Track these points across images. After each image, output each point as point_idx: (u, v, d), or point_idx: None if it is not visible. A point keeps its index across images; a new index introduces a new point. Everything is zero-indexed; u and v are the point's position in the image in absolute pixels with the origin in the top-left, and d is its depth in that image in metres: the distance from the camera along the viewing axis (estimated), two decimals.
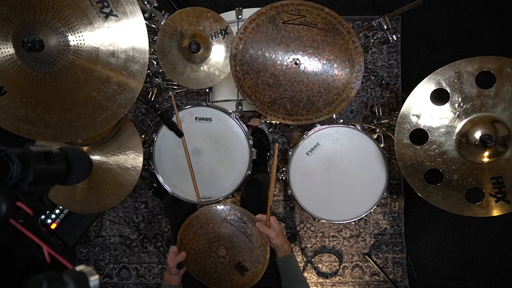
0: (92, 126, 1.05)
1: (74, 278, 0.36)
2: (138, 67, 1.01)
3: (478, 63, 1.19)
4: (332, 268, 2.09)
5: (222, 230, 1.14)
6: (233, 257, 1.14)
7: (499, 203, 1.28)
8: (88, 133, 1.06)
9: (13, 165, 0.44)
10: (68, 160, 0.55)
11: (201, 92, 2.05)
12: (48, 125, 1.04)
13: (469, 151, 1.25)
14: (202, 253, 1.14)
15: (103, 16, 0.97)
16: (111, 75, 1.03)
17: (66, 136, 1.06)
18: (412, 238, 2.11)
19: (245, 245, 1.13)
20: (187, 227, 1.15)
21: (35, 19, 0.98)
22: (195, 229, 1.15)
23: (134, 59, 1.00)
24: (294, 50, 1.20)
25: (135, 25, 0.99)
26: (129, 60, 1.00)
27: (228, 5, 2.08)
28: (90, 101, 1.04)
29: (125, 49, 0.99)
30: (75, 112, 1.04)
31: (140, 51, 1.00)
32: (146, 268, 2.09)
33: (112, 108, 1.05)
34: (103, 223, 2.08)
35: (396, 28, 2.06)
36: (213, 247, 1.14)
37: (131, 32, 0.99)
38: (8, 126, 1.02)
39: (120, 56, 0.99)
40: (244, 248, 1.13)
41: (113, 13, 0.97)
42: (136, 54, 1.00)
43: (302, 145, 1.44)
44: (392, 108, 2.08)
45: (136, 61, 1.00)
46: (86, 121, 1.04)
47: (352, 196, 1.47)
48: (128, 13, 0.99)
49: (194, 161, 1.41)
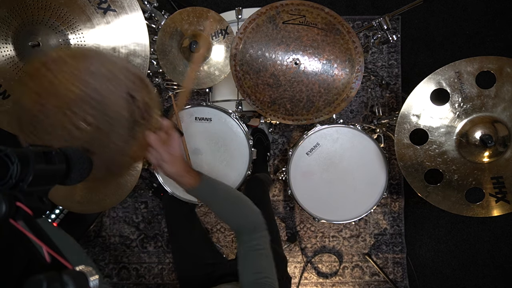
0: None
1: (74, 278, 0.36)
2: (140, 60, 1.01)
3: (478, 63, 1.19)
4: (332, 268, 2.09)
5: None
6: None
7: (499, 203, 1.28)
8: None
9: (13, 165, 0.44)
10: (68, 160, 0.55)
11: (201, 92, 2.05)
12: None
13: (469, 151, 1.25)
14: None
15: (101, 12, 0.97)
16: None
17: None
18: (412, 238, 2.11)
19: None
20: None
21: (34, 19, 0.98)
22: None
23: (135, 53, 1.00)
24: (294, 50, 1.20)
25: (134, 19, 0.99)
26: (130, 54, 1.00)
27: (228, 5, 2.08)
28: None
29: (126, 44, 0.99)
30: None
31: (141, 45, 1.00)
32: (146, 268, 2.09)
33: None
34: (103, 223, 2.08)
35: (396, 28, 2.06)
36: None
37: (131, 26, 0.99)
38: (14, 130, 1.02)
39: (121, 51, 0.99)
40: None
41: (111, 8, 0.97)
42: (137, 47, 1.00)
43: (302, 145, 1.44)
44: (392, 108, 2.08)
45: (138, 54, 1.00)
46: None
47: (352, 196, 1.47)
48: (126, 7, 0.99)
49: (194, 161, 1.41)
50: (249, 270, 0.89)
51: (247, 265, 0.91)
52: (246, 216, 0.97)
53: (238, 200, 0.99)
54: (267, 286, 0.85)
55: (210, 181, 0.97)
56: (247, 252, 0.92)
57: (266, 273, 0.89)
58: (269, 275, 0.89)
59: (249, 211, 0.98)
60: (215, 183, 0.98)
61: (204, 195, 0.95)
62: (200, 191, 0.94)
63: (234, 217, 0.97)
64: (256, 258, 0.92)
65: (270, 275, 0.89)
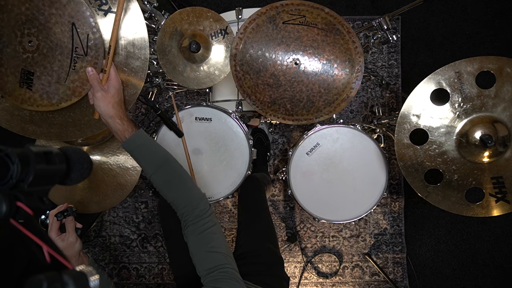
0: (96, 123, 1.05)
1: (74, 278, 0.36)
2: (139, 63, 1.01)
3: (478, 63, 1.19)
4: (332, 268, 2.09)
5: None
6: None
7: (499, 203, 1.28)
8: (93, 131, 1.06)
9: (13, 165, 0.44)
10: (68, 160, 0.55)
11: (201, 92, 2.05)
12: (53, 124, 1.04)
13: (469, 151, 1.25)
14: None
15: (102, 14, 0.97)
16: None
17: (71, 134, 1.06)
18: (412, 238, 2.11)
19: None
20: None
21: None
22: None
23: (134, 55, 1.00)
24: (294, 50, 1.20)
25: (134, 20, 0.99)
26: (129, 57, 1.00)
27: (228, 5, 2.08)
28: None
29: (125, 45, 0.99)
30: (79, 111, 1.04)
31: (140, 47, 1.00)
32: (146, 268, 2.09)
33: None
34: (103, 223, 2.08)
35: (396, 28, 2.06)
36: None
37: (130, 28, 0.99)
38: (13, 128, 1.03)
39: (121, 53, 0.99)
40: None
41: (112, 10, 0.97)
42: (136, 50, 1.00)
43: (302, 145, 1.44)
44: (392, 108, 2.08)
45: (137, 57, 1.00)
46: (90, 119, 1.04)
47: (352, 196, 1.47)
48: (126, 9, 0.99)
49: (194, 161, 1.41)
50: (200, 259, 0.89)
51: (197, 255, 0.90)
52: (187, 190, 0.94)
53: (178, 173, 0.95)
54: (225, 277, 0.85)
55: (147, 139, 0.94)
56: (192, 239, 0.91)
57: (221, 255, 0.89)
58: (219, 250, 0.90)
59: (190, 187, 0.95)
60: (153, 145, 0.95)
61: (137, 152, 0.92)
62: (132, 146, 0.91)
63: (173, 191, 0.94)
64: (201, 240, 0.90)
65: (220, 250, 0.90)
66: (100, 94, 0.91)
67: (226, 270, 0.87)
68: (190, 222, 0.93)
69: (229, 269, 0.87)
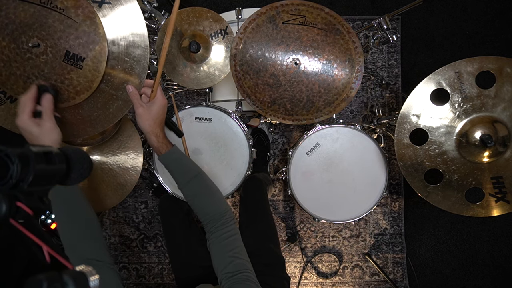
0: (106, 117, 1.04)
1: (74, 278, 0.36)
2: (140, 51, 1.00)
3: (478, 63, 1.19)
4: (332, 268, 2.09)
5: (21, 14, 0.81)
6: (55, 48, 0.86)
7: (499, 203, 1.28)
8: (103, 126, 1.06)
9: (13, 165, 0.44)
10: (68, 160, 0.55)
11: (201, 92, 2.05)
12: (64, 123, 1.04)
13: (469, 151, 1.25)
14: (12, 59, 0.82)
15: (96, 6, 0.96)
16: (115, 64, 1.02)
17: (83, 132, 1.06)
18: (412, 238, 2.11)
19: (63, 24, 0.83)
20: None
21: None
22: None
23: (134, 44, 0.99)
24: (294, 50, 1.20)
25: (130, 9, 0.98)
26: (130, 46, 0.99)
27: (228, 5, 2.08)
28: (99, 94, 1.03)
29: (124, 35, 0.98)
30: (87, 107, 1.03)
31: (140, 35, 0.99)
32: (146, 268, 2.09)
33: (122, 97, 1.04)
34: (103, 223, 2.08)
35: (396, 28, 2.06)
36: (21, 43, 0.83)
37: (127, 17, 0.98)
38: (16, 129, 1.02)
39: (121, 43, 0.99)
40: (63, 30, 0.85)
41: (106, 0, 0.96)
42: (136, 38, 0.99)
43: (302, 145, 1.44)
44: (392, 108, 2.08)
45: (137, 45, 0.99)
46: (99, 114, 1.04)
47: (352, 196, 1.47)
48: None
49: (194, 161, 1.40)
50: (223, 263, 0.96)
51: (220, 259, 0.97)
52: (215, 201, 1.03)
53: (208, 186, 1.05)
54: (247, 280, 0.92)
55: (180, 155, 1.04)
56: (217, 244, 0.99)
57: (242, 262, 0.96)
58: (242, 256, 0.98)
59: (219, 199, 1.04)
60: (185, 160, 1.05)
61: (171, 166, 1.04)
62: (166, 160, 1.02)
63: (202, 201, 1.03)
64: (226, 247, 0.98)
65: (243, 256, 0.98)
66: (140, 110, 0.98)
67: (247, 274, 0.94)
68: (216, 228, 1.01)
69: (250, 274, 0.95)
